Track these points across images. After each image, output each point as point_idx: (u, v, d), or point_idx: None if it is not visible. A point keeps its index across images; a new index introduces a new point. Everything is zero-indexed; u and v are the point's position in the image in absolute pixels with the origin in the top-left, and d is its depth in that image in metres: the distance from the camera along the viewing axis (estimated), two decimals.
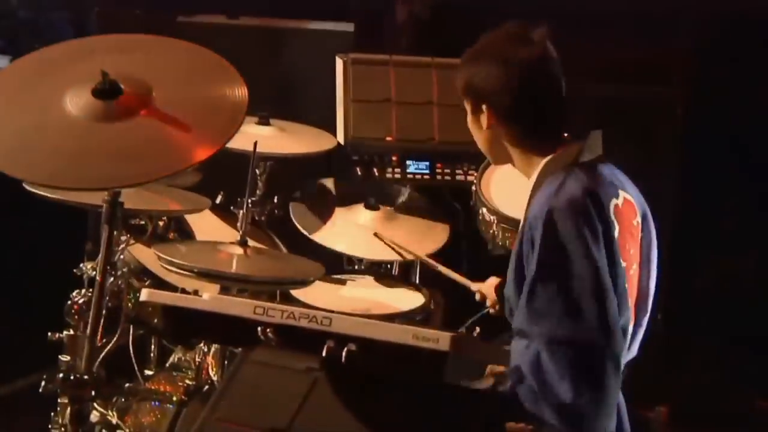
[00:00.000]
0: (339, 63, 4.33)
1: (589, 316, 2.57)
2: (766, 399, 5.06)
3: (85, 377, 2.79)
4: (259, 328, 2.44)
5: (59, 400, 3.40)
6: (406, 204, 4.14)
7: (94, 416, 3.48)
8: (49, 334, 3.47)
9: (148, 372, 3.81)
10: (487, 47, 2.83)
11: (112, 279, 3.34)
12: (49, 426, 3.50)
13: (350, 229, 3.99)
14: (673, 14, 4.94)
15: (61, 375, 2.84)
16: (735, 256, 5.26)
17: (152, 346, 3.91)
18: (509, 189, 3.60)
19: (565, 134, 2.84)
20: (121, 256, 3.49)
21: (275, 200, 4.08)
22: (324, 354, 2.37)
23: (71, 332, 3.44)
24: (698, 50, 5.03)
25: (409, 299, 3.83)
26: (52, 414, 3.49)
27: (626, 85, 4.93)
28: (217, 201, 3.96)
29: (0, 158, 2.68)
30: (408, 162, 4.25)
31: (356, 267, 4.06)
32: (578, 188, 2.68)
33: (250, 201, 3.51)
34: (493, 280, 3.48)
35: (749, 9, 4.94)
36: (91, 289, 3.37)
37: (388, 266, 4.10)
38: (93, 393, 2.82)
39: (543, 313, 2.58)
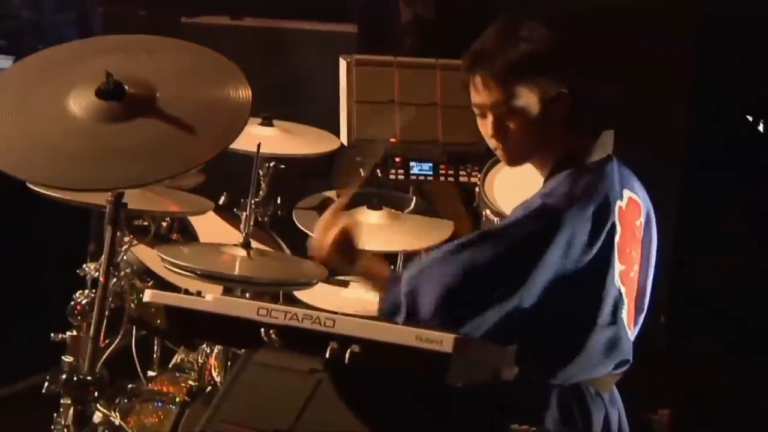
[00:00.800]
0: (342, 64, 4.33)
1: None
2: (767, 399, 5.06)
3: (88, 378, 2.80)
4: (262, 330, 2.43)
5: (62, 401, 3.38)
6: (413, 211, 4.14)
7: (97, 417, 3.48)
8: (52, 334, 3.46)
9: (150, 373, 3.80)
10: (559, 39, 2.73)
11: (115, 280, 3.33)
12: (52, 427, 3.49)
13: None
14: (672, 13, 4.94)
15: (63, 376, 2.85)
16: (736, 257, 5.26)
17: (155, 347, 3.91)
18: (513, 191, 3.58)
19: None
20: (124, 257, 3.49)
21: (278, 201, 4.07)
22: (327, 355, 2.36)
23: (74, 333, 3.43)
24: (698, 50, 5.02)
25: None
26: (55, 415, 3.47)
27: (627, 84, 4.93)
28: (221, 202, 3.96)
29: (3, 158, 2.67)
30: (411, 163, 4.25)
31: None
32: (584, 190, 2.67)
33: (253, 202, 3.51)
34: None
35: (749, 8, 4.94)
36: (94, 290, 3.37)
37: (392, 267, 4.08)
38: (96, 394, 2.83)
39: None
